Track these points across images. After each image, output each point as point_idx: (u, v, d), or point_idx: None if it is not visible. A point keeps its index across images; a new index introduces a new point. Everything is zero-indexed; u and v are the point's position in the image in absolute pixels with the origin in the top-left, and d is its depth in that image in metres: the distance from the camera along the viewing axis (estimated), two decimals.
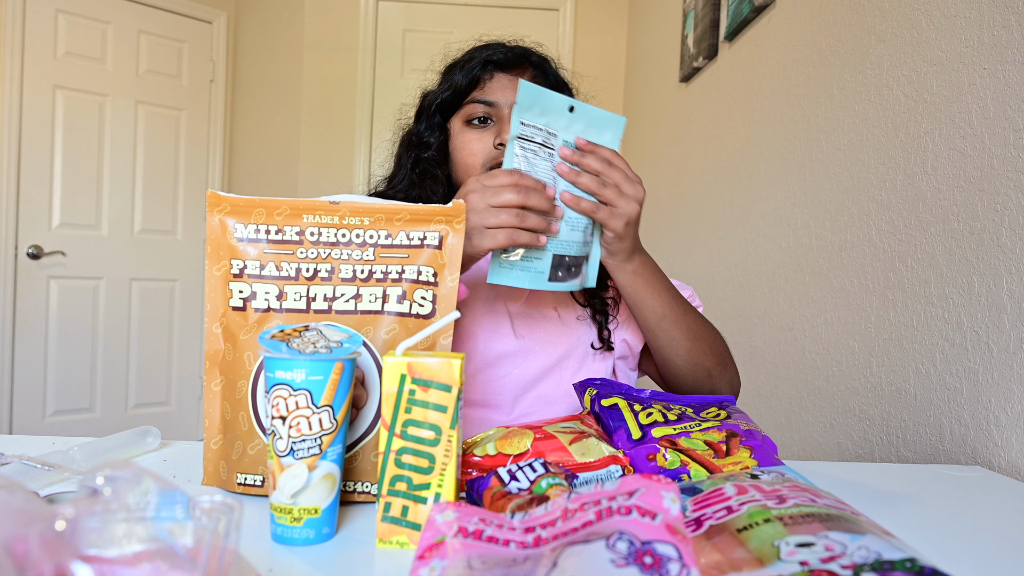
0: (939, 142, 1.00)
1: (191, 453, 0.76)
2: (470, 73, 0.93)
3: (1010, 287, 0.85)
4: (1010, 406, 0.84)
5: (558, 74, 0.99)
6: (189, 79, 3.26)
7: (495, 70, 0.93)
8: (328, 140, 3.24)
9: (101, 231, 3.03)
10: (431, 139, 0.97)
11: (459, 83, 0.93)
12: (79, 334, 2.98)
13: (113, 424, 3.05)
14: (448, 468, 0.52)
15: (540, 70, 0.96)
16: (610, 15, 3.27)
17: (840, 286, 1.25)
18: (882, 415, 1.10)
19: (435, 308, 0.64)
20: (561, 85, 0.98)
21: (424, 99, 1.00)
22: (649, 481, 0.42)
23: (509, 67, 0.93)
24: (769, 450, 0.64)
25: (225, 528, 0.31)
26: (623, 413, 0.68)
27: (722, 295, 1.84)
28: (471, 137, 0.92)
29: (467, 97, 0.93)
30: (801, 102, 1.44)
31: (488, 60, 0.93)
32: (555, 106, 0.77)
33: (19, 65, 2.77)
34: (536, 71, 0.96)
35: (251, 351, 0.62)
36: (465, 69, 0.94)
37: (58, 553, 0.27)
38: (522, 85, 0.75)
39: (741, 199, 1.74)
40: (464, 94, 0.93)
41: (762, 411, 1.55)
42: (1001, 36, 0.89)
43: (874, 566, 0.35)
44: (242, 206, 0.63)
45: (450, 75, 0.96)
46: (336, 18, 3.22)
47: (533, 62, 0.96)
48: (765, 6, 1.63)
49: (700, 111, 2.11)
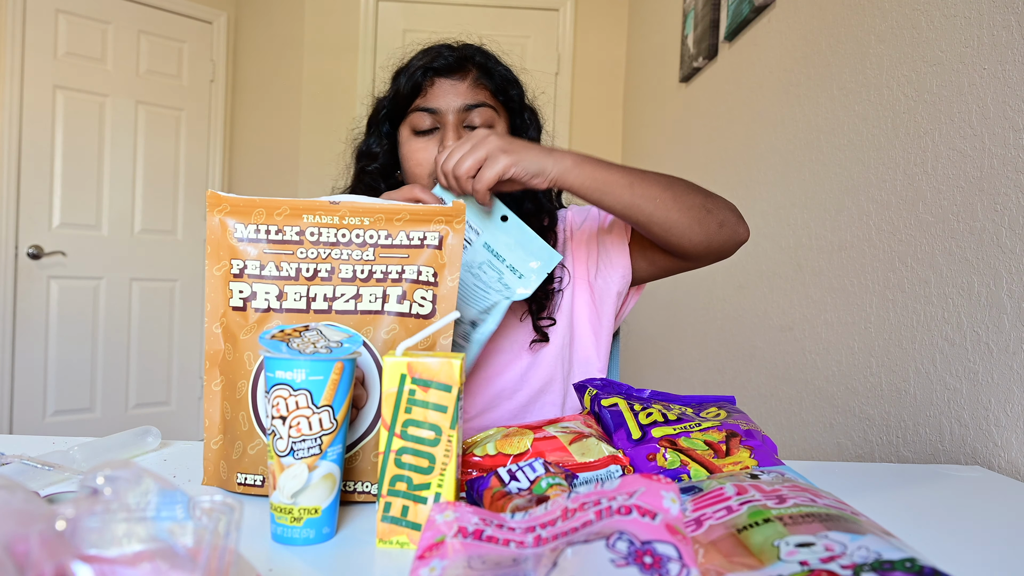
0: (939, 142, 1.00)
1: (191, 453, 0.76)
2: (412, 80, 0.92)
3: (1010, 287, 0.85)
4: (1010, 406, 0.84)
5: (505, 72, 0.97)
6: (189, 79, 3.25)
7: (435, 76, 0.92)
8: (328, 140, 3.23)
9: (101, 231, 3.03)
10: (378, 148, 0.97)
11: (402, 90, 0.93)
12: (79, 334, 2.98)
13: (113, 424, 3.05)
14: (448, 468, 0.52)
15: (483, 71, 0.94)
16: (610, 15, 3.27)
17: (840, 286, 1.25)
18: (882, 415, 1.10)
19: (435, 308, 0.64)
20: (507, 83, 0.96)
21: (375, 106, 1.00)
22: (649, 481, 0.42)
23: (449, 72, 0.92)
24: (769, 450, 0.64)
25: (225, 528, 0.31)
26: (623, 413, 0.68)
27: (722, 295, 1.84)
28: (417, 147, 0.92)
29: (411, 105, 0.93)
30: (801, 102, 1.44)
31: (428, 67, 0.92)
32: (482, 209, 0.80)
33: (19, 65, 2.77)
34: (479, 72, 0.94)
35: (251, 351, 0.62)
36: (407, 76, 0.93)
37: (58, 553, 0.27)
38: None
39: (741, 199, 1.74)
40: (408, 101, 0.93)
41: (762, 411, 1.55)
42: (1001, 36, 0.89)
43: (874, 566, 0.35)
44: (242, 206, 0.63)
45: (396, 81, 0.96)
46: (336, 18, 3.22)
47: (476, 63, 0.94)
48: (765, 6, 1.63)
49: (700, 111, 2.11)
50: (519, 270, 0.81)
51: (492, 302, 0.81)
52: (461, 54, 0.94)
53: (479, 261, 0.81)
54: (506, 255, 0.82)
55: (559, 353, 0.96)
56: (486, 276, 0.81)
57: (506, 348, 0.95)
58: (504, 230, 0.82)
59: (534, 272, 0.81)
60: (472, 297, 0.81)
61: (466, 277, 0.80)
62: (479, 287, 0.81)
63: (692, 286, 2.09)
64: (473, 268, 0.81)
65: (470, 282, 0.81)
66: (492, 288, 0.81)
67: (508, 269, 0.81)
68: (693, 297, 2.07)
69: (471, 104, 0.91)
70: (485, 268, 0.81)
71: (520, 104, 0.98)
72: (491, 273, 0.81)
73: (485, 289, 0.81)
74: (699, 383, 1.99)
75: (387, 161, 0.98)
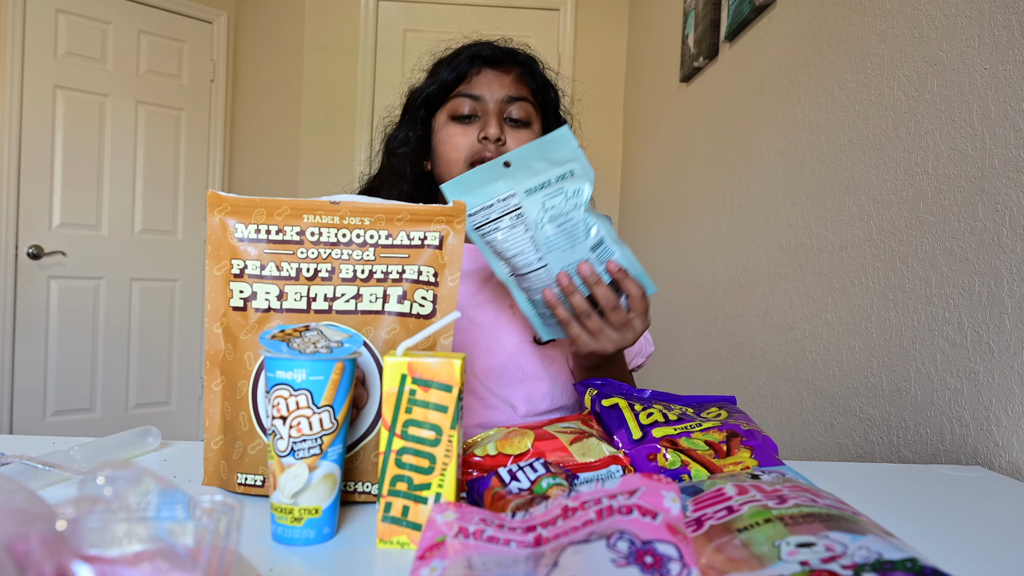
0: (940, 142, 1.00)
1: (191, 453, 0.76)
2: (457, 68, 0.93)
3: (1011, 287, 0.85)
4: (1011, 406, 0.84)
5: (544, 75, 0.99)
6: (189, 79, 3.26)
7: (482, 65, 0.93)
8: (328, 140, 3.24)
9: (101, 231, 3.03)
10: (411, 133, 0.97)
11: (445, 78, 0.93)
12: (79, 334, 2.98)
13: (113, 424, 3.05)
14: (449, 468, 0.52)
15: (527, 69, 0.96)
16: (610, 15, 3.27)
17: (841, 286, 1.25)
18: (883, 415, 1.10)
19: (435, 308, 0.64)
20: (547, 86, 0.98)
21: (411, 95, 1.00)
22: (650, 480, 0.42)
23: (496, 63, 0.94)
24: (770, 450, 0.64)
25: (226, 528, 0.31)
26: (624, 413, 0.68)
27: (722, 295, 1.83)
28: (455, 131, 0.92)
29: (453, 91, 0.93)
30: (801, 102, 1.44)
31: (476, 55, 0.93)
32: (486, 176, 0.72)
33: (19, 65, 2.77)
34: (523, 69, 0.95)
35: (252, 351, 0.62)
36: (452, 64, 0.94)
37: (59, 553, 0.27)
38: (444, 190, 0.73)
39: (741, 199, 1.74)
40: (450, 88, 0.93)
41: (762, 411, 1.55)
42: (1002, 36, 0.89)
43: (875, 566, 0.35)
44: (242, 206, 0.63)
45: (437, 71, 0.96)
46: (336, 18, 3.22)
47: (520, 60, 0.96)
48: (765, 6, 1.63)
49: (700, 111, 2.11)
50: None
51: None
52: (507, 49, 0.96)
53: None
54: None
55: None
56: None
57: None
58: (517, 168, 0.74)
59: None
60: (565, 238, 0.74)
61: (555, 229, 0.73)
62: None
63: (692, 286, 2.09)
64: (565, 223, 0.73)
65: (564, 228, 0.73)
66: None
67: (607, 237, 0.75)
68: (694, 297, 2.07)
69: (514, 96, 0.92)
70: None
71: (556, 109, 1.00)
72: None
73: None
74: (700, 383, 1.99)
75: (418, 147, 0.98)
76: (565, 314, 0.75)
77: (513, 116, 0.92)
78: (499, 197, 0.73)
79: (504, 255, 0.76)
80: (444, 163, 0.94)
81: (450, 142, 0.93)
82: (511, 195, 0.73)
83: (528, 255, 0.74)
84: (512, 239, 0.74)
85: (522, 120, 0.93)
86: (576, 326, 0.76)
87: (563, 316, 0.76)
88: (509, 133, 0.93)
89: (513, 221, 0.73)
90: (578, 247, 0.73)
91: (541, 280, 0.76)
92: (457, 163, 0.92)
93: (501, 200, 0.73)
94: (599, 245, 0.74)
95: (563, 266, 0.74)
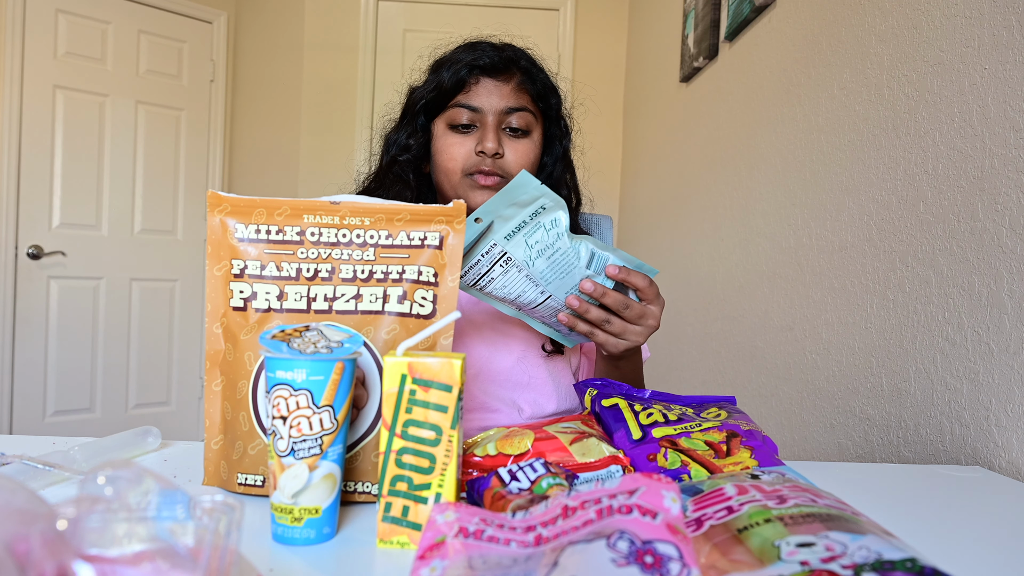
0: (939, 142, 1.00)
1: (192, 453, 0.76)
2: (456, 75, 0.92)
3: (1011, 287, 0.85)
4: (1011, 406, 0.84)
5: (546, 79, 0.98)
6: (189, 79, 3.25)
7: (481, 75, 0.92)
8: (328, 140, 3.24)
9: (101, 231, 3.03)
10: (411, 141, 0.97)
11: (444, 84, 0.92)
12: (79, 334, 2.98)
13: (113, 424, 3.05)
14: (449, 468, 0.52)
15: (527, 75, 0.95)
16: (610, 15, 3.27)
17: (841, 286, 1.25)
18: (882, 415, 1.10)
19: (436, 308, 0.64)
20: (548, 92, 0.97)
21: (411, 95, 1.00)
22: (650, 480, 0.42)
23: (496, 73, 0.92)
24: (769, 450, 0.64)
25: (226, 528, 0.31)
26: (623, 413, 0.68)
27: (722, 295, 1.84)
28: (453, 141, 0.92)
29: (452, 100, 0.93)
30: (801, 102, 1.44)
31: (474, 64, 0.92)
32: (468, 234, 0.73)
33: (19, 65, 2.77)
34: (523, 76, 0.94)
35: (252, 351, 0.62)
36: (451, 70, 0.92)
37: (59, 552, 0.27)
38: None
39: (741, 199, 1.74)
40: (449, 96, 0.93)
41: (762, 411, 1.55)
42: (1002, 36, 0.89)
43: (875, 566, 0.35)
44: (242, 206, 0.63)
45: (437, 73, 0.95)
46: (336, 18, 3.22)
47: (521, 66, 0.95)
48: (765, 6, 1.63)
49: (700, 111, 2.11)
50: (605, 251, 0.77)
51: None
52: (507, 55, 0.94)
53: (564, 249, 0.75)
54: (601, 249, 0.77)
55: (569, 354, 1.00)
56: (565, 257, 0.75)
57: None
58: (495, 208, 0.75)
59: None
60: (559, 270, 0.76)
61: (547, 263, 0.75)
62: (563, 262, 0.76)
63: (692, 286, 2.09)
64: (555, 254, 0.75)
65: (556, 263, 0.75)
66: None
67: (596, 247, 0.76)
68: (693, 297, 2.07)
69: (513, 107, 0.92)
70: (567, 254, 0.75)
71: (557, 113, 0.99)
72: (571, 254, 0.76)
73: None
74: (699, 383, 1.99)
75: (419, 154, 0.97)
76: (587, 328, 0.78)
77: (513, 126, 0.92)
78: (482, 252, 0.74)
79: (507, 299, 0.78)
80: (441, 172, 0.94)
81: (447, 152, 0.92)
82: (492, 246, 0.74)
83: (530, 293, 0.76)
84: (509, 283, 0.76)
85: (522, 129, 0.93)
86: (601, 334, 0.78)
87: (585, 330, 0.78)
88: (508, 144, 0.92)
89: (505, 267, 0.75)
90: (574, 271, 0.75)
91: (551, 309, 0.78)
92: (454, 173, 0.92)
93: (485, 254, 0.74)
94: (592, 259, 0.76)
95: (567, 291, 0.76)
